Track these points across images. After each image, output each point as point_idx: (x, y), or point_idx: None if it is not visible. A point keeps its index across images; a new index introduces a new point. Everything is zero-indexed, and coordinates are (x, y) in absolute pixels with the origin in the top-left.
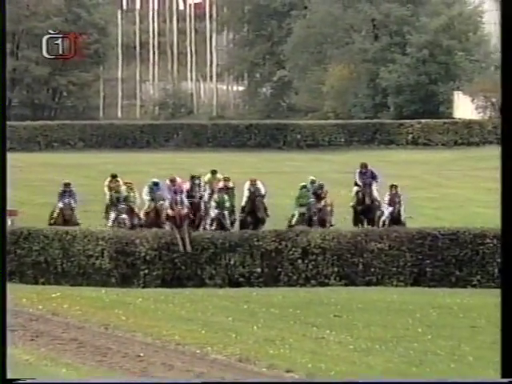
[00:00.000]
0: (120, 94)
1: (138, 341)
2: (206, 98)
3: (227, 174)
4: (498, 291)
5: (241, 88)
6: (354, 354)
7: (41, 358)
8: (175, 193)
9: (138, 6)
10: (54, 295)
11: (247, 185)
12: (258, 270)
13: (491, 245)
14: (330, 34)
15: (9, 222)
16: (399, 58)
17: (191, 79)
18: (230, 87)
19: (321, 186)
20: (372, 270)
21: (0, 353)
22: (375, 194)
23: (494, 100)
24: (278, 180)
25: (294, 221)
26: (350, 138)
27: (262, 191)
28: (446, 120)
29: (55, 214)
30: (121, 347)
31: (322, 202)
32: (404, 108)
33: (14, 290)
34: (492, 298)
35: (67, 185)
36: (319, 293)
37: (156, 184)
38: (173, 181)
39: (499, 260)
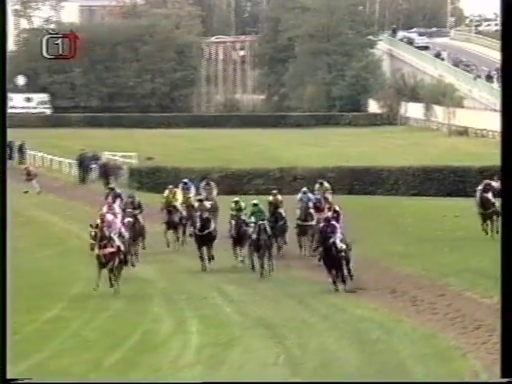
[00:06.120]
0: (205, 100)
1: None
2: (245, 102)
3: (252, 138)
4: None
5: (260, 97)
6: None
7: None
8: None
9: (213, 56)
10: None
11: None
12: None
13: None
14: None
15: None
16: (341, 82)
17: (239, 93)
18: (256, 97)
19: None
20: None
21: (0, 353)
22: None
23: (387, 102)
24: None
25: None
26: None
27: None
28: (365, 113)
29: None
30: None
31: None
32: (351, 107)
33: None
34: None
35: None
36: None
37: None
38: (101, 217)
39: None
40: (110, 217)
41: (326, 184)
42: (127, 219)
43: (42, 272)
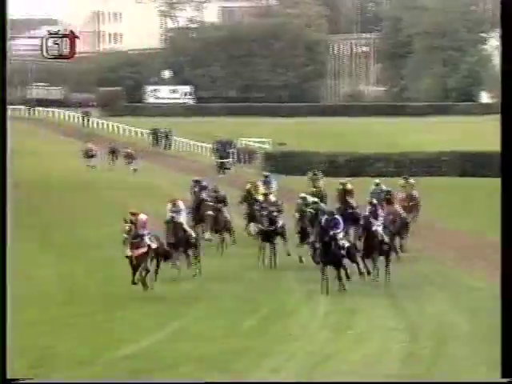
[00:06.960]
0: (331, 91)
1: None
2: (368, 93)
3: (374, 126)
4: None
5: (381, 89)
6: None
7: None
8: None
9: (339, 51)
10: None
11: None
12: None
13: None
14: None
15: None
16: (456, 75)
17: (362, 85)
18: (378, 88)
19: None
20: None
21: (0, 353)
22: None
23: (498, 93)
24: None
25: None
26: None
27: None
28: (477, 103)
29: None
30: None
31: None
32: (464, 97)
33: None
34: None
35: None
36: None
37: None
38: (134, 215)
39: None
40: (143, 217)
41: (411, 180)
42: (208, 212)
43: None
